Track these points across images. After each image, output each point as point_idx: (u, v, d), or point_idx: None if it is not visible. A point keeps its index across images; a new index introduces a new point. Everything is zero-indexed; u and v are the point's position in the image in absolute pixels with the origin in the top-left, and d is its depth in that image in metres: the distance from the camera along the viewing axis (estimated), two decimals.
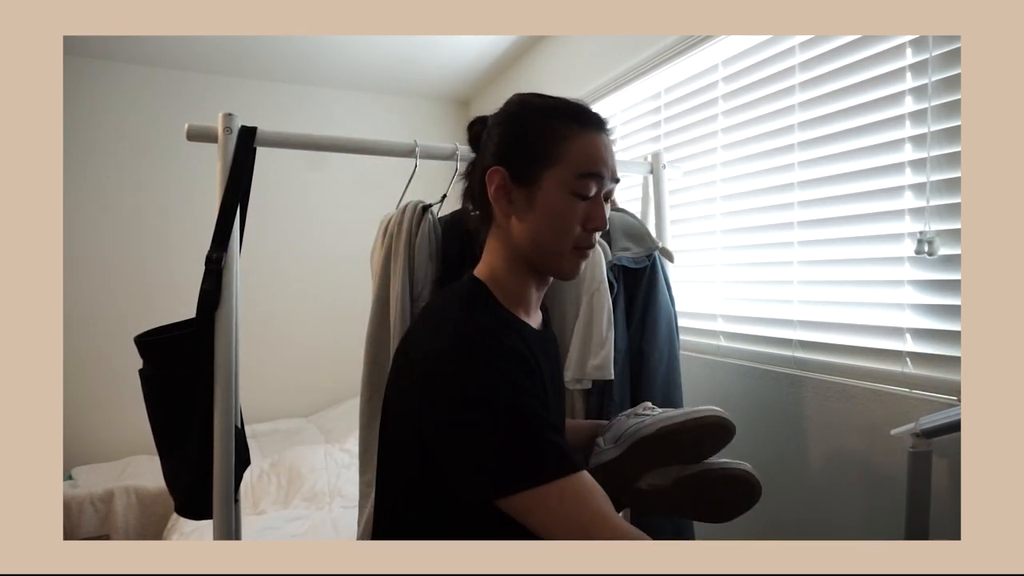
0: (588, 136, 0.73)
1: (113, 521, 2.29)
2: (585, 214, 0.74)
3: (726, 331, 1.56)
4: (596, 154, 0.73)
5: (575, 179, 0.72)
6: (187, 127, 1.03)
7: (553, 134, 0.73)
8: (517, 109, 0.77)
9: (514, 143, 0.75)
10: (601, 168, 0.73)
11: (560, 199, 0.72)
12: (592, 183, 0.73)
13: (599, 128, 0.75)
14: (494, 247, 0.78)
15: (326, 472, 2.36)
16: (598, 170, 0.73)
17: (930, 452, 0.94)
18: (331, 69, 2.96)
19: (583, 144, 0.73)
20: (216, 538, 1.01)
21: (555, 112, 0.75)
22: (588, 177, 0.72)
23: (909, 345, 1.11)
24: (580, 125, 0.73)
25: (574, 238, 0.74)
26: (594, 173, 0.73)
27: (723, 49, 1.56)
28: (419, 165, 1.19)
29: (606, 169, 0.74)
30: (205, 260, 1.02)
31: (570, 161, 0.72)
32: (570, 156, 0.72)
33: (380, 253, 1.19)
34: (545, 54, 2.53)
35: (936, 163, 1.06)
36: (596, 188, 0.73)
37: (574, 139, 0.73)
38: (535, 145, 0.73)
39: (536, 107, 0.76)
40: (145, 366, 1.02)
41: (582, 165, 0.72)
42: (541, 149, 0.73)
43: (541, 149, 0.73)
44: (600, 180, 0.74)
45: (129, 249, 2.82)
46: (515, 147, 0.75)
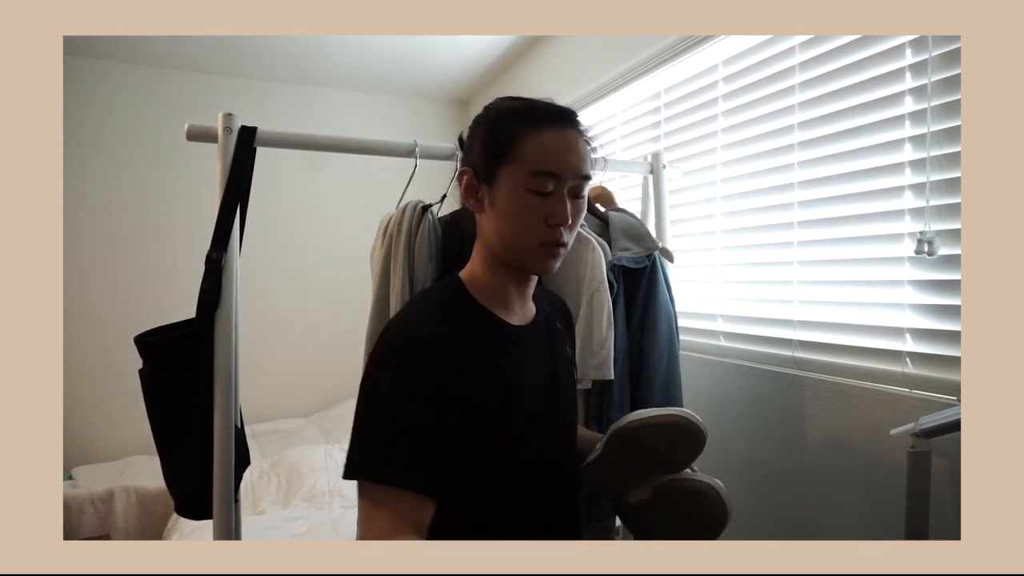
0: (545, 134, 0.74)
1: (113, 521, 2.29)
2: (547, 210, 0.74)
3: (726, 331, 1.56)
4: (551, 151, 0.74)
5: (529, 176, 0.73)
6: (187, 127, 1.03)
7: (510, 133, 0.75)
8: (484, 113, 0.80)
9: (478, 144, 0.78)
10: (556, 165, 0.74)
11: (516, 196, 0.74)
12: (547, 180, 0.74)
13: (559, 125, 0.76)
14: (476, 247, 0.82)
15: (326, 472, 2.36)
16: (552, 168, 0.74)
17: (930, 452, 0.94)
18: (331, 69, 2.96)
19: (538, 142, 0.74)
20: (216, 538, 1.01)
21: (514, 112, 0.77)
22: (542, 175, 0.73)
23: (909, 345, 1.11)
24: (537, 123, 0.75)
25: (538, 234, 0.75)
26: (548, 171, 0.73)
27: (723, 49, 1.56)
28: (419, 165, 1.19)
29: (564, 166, 0.74)
30: (205, 260, 1.02)
31: (524, 158, 0.74)
32: (524, 154, 0.74)
33: (380, 253, 1.19)
34: (545, 54, 2.53)
35: (936, 163, 1.06)
36: (554, 185, 0.74)
37: (529, 137, 0.74)
38: (493, 144, 0.76)
39: (499, 109, 0.78)
40: (145, 366, 1.02)
41: (536, 163, 0.73)
42: (498, 148, 0.75)
43: (498, 148, 0.75)
44: (557, 178, 0.74)
45: (129, 249, 2.82)
46: (478, 148, 0.78)
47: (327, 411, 3.12)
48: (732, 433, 1.48)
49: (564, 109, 0.78)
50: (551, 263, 0.78)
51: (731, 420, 1.48)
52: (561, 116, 0.77)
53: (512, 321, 0.81)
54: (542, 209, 0.74)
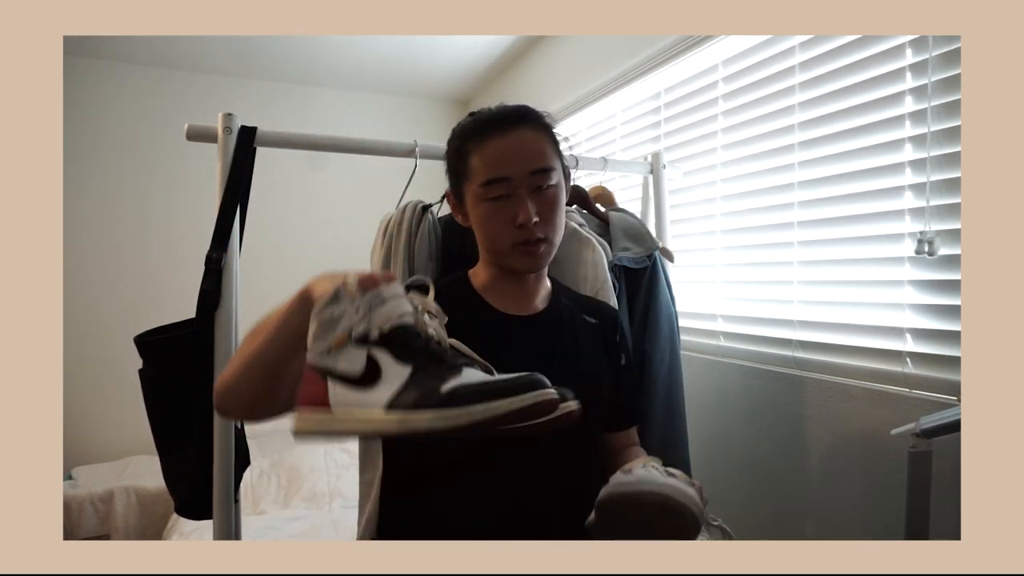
0: (488, 144, 0.78)
1: (113, 521, 2.29)
2: (509, 214, 0.78)
3: (726, 331, 1.56)
4: (495, 159, 0.78)
5: (481, 188, 0.78)
6: (187, 127, 1.03)
7: (463, 151, 0.81)
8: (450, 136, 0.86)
9: (448, 168, 0.86)
10: (501, 170, 0.77)
11: (479, 208, 0.80)
12: (497, 186, 0.77)
13: (501, 130, 0.79)
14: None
15: (326, 472, 2.36)
16: (497, 174, 0.77)
17: (930, 452, 0.94)
18: (331, 69, 2.96)
19: (481, 154, 0.79)
20: (216, 538, 1.01)
21: (465, 130, 0.82)
22: (491, 183, 0.78)
23: (909, 345, 1.11)
24: (482, 135, 0.79)
25: (509, 237, 0.79)
26: (495, 178, 0.77)
27: (723, 49, 1.55)
28: (419, 165, 1.19)
29: (510, 168, 0.77)
30: (205, 260, 1.02)
31: (474, 173, 0.79)
32: (473, 169, 0.79)
33: (380, 253, 1.19)
34: (545, 54, 2.53)
35: (936, 163, 1.06)
36: (506, 189, 0.77)
37: (476, 151, 0.79)
38: (454, 166, 0.83)
39: (456, 131, 0.84)
40: (145, 366, 1.02)
41: (483, 173, 0.78)
42: (457, 168, 0.82)
43: (457, 168, 0.82)
44: (506, 182, 0.77)
45: (129, 249, 2.82)
46: (448, 171, 0.86)
47: None
48: (732, 433, 1.48)
49: (508, 111, 0.81)
50: (532, 260, 0.81)
51: (731, 420, 1.48)
52: (503, 120, 0.80)
53: (509, 312, 0.84)
54: (505, 213, 0.78)
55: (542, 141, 0.81)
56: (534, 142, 0.80)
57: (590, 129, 2.26)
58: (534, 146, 0.79)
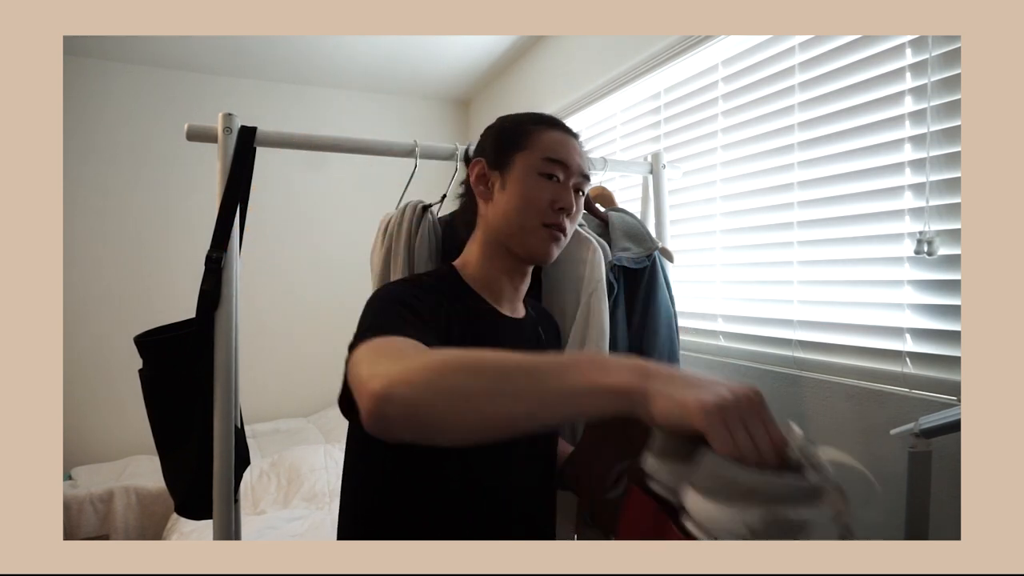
0: (554, 132, 0.86)
1: (113, 521, 2.29)
2: (554, 195, 0.83)
3: (726, 331, 1.56)
4: (560, 146, 0.84)
5: (541, 161, 0.83)
6: (187, 127, 1.03)
7: (524, 128, 0.86)
8: (496, 121, 0.91)
9: (491, 140, 0.88)
10: (565, 157, 0.84)
11: (529, 177, 0.83)
12: (557, 168, 0.83)
13: (565, 130, 0.87)
14: (474, 237, 0.89)
15: (326, 472, 2.36)
16: (562, 158, 0.83)
17: (930, 452, 0.94)
18: (331, 69, 2.96)
19: (548, 136, 0.85)
20: (216, 538, 1.01)
21: (526, 116, 0.89)
22: (553, 162, 0.83)
23: (909, 345, 1.11)
24: (547, 124, 0.86)
25: (543, 215, 0.82)
26: (559, 160, 0.83)
27: (723, 49, 1.55)
28: (419, 165, 1.19)
29: (571, 160, 0.84)
30: (205, 260, 1.02)
31: (537, 147, 0.84)
32: (538, 144, 0.84)
33: (380, 253, 1.19)
34: (545, 54, 2.53)
35: (936, 163, 1.06)
36: (563, 175, 0.84)
37: (542, 131, 0.85)
38: (508, 137, 0.86)
39: (511, 116, 0.90)
40: (145, 366, 1.02)
41: (547, 151, 0.83)
42: (513, 139, 0.85)
43: (513, 139, 0.85)
44: (565, 168, 0.84)
45: (129, 249, 2.82)
46: (491, 142, 0.88)
47: (327, 411, 3.12)
48: None
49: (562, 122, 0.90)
50: (551, 247, 0.84)
51: None
52: (564, 124, 0.88)
53: (501, 310, 0.85)
54: (549, 192, 0.82)
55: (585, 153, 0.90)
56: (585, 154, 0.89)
57: (590, 129, 2.26)
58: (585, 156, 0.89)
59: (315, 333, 3.16)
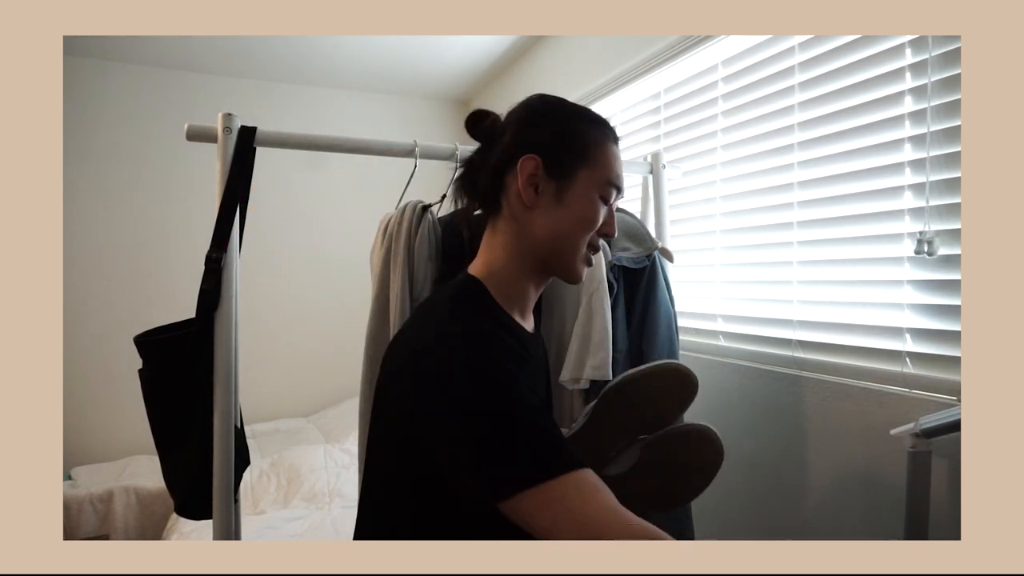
0: (613, 147, 0.78)
1: (113, 521, 2.29)
2: (605, 219, 0.77)
3: (726, 331, 1.56)
4: (619, 165, 0.78)
5: (604, 184, 0.75)
6: (187, 127, 1.03)
7: (589, 136, 0.76)
8: (546, 107, 0.78)
9: (550, 136, 0.75)
10: (621, 179, 0.78)
11: (590, 198, 0.75)
12: (614, 192, 0.77)
13: (616, 141, 0.80)
14: (497, 243, 0.76)
15: (326, 472, 2.36)
16: (620, 181, 0.78)
17: (930, 452, 0.94)
18: (331, 69, 2.96)
19: (611, 153, 0.77)
20: (216, 538, 1.01)
21: (586, 116, 0.78)
22: (613, 186, 0.76)
23: (909, 345, 1.11)
24: (606, 134, 0.78)
25: (589, 241, 0.77)
26: (617, 184, 0.77)
27: (723, 49, 1.55)
28: (419, 165, 1.19)
29: (622, 181, 0.79)
30: (205, 260, 1.02)
31: (602, 165, 0.75)
32: (603, 161, 0.75)
33: (380, 253, 1.19)
34: (545, 54, 2.53)
35: (936, 163, 1.06)
36: (615, 197, 0.78)
37: (604, 146, 0.76)
38: (573, 142, 0.75)
39: (568, 108, 0.79)
40: (145, 366, 1.02)
41: (612, 174, 0.76)
42: (579, 147, 0.75)
43: (579, 147, 0.75)
44: (619, 192, 0.78)
45: (129, 249, 2.82)
46: (551, 140, 0.74)
47: (327, 411, 3.12)
48: (732, 433, 1.47)
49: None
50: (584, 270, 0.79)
51: (731, 420, 1.48)
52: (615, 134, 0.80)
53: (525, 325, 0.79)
54: (603, 217, 0.77)
55: None
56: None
57: None
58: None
59: (315, 333, 3.16)
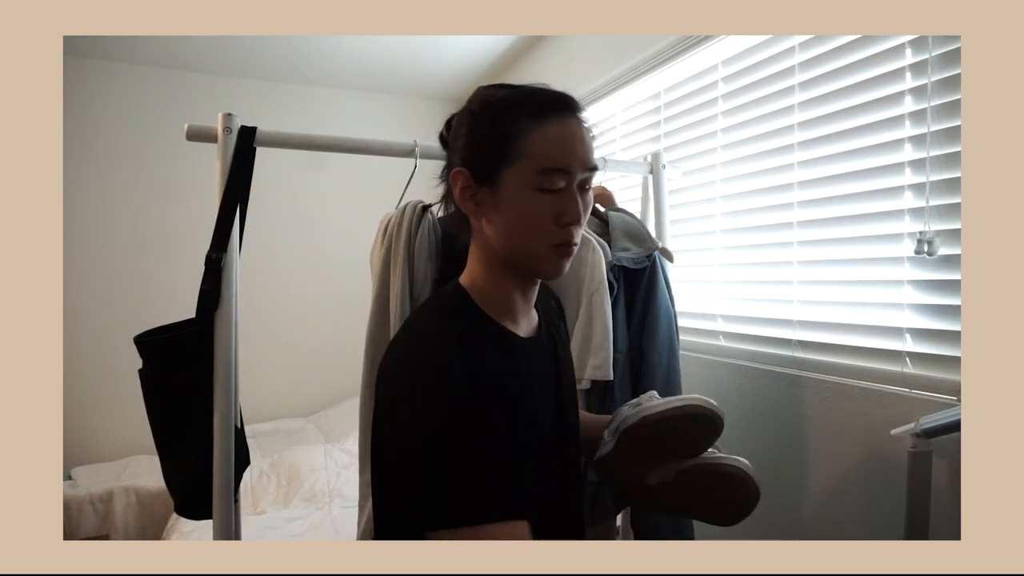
0: (550, 127, 0.67)
1: (113, 521, 2.29)
2: (558, 209, 0.68)
3: (726, 331, 1.56)
4: (558, 146, 0.67)
5: (537, 175, 0.67)
6: (187, 127, 1.03)
7: (511, 129, 0.67)
8: (477, 106, 0.72)
9: (474, 142, 0.70)
10: (565, 161, 0.67)
11: (524, 197, 0.67)
12: (557, 177, 0.67)
13: (563, 114, 0.69)
14: (474, 252, 0.75)
15: (326, 472, 2.36)
16: (561, 164, 0.67)
17: (930, 452, 0.94)
18: (331, 69, 2.96)
19: (543, 137, 0.67)
20: (216, 538, 1.01)
21: (513, 104, 0.69)
22: (552, 172, 0.67)
23: (909, 345, 1.11)
24: (540, 115, 0.68)
25: (550, 236, 0.68)
26: (557, 167, 0.67)
27: (723, 49, 1.56)
28: (419, 165, 1.19)
29: (573, 159, 0.68)
30: (205, 260, 1.02)
31: (530, 155, 0.67)
32: (530, 151, 0.67)
33: (380, 253, 1.19)
34: (545, 54, 2.53)
35: (936, 163, 1.06)
36: (564, 182, 0.68)
37: (533, 132, 0.67)
38: (494, 142, 0.68)
39: (493, 101, 0.71)
40: (145, 366, 1.02)
41: (543, 160, 0.67)
42: (500, 146, 0.68)
43: (500, 146, 0.68)
44: (566, 173, 0.68)
45: (129, 249, 2.82)
46: (475, 146, 0.70)
47: (327, 411, 3.12)
48: (732, 433, 1.47)
49: (565, 95, 0.70)
50: (563, 264, 0.71)
51: (731, 420, 1.47)
52: (562, 103, 0.69)
53: (519, 333, 0.75)
54: (553, 208, 0.68)
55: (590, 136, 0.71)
56: (588, 134, 0.71)
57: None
58: (589, 139, 0.70)
59: (315, 333, 3.17)
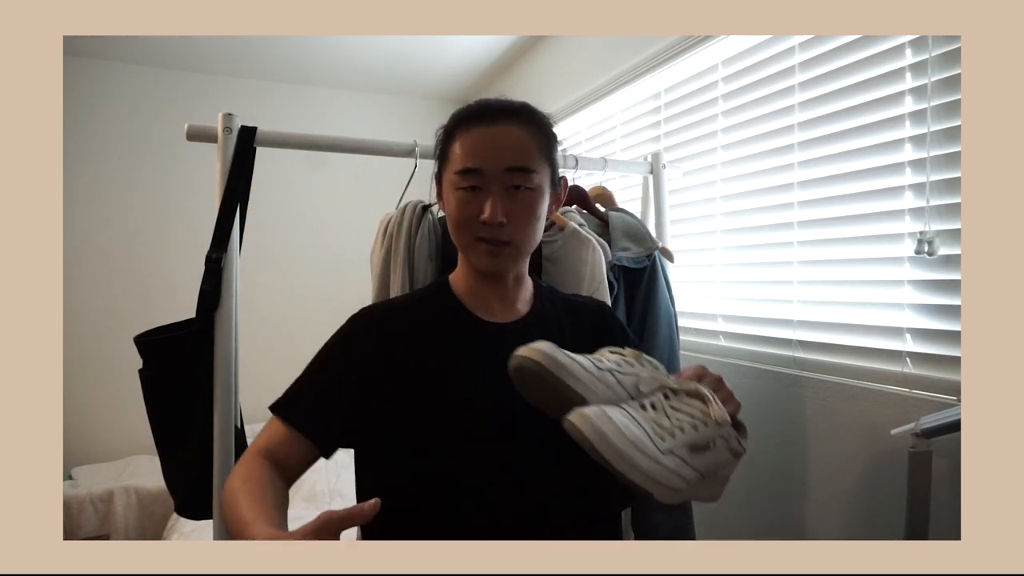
0: (472, 131, 0.78)
1: (113, 521, 2.29)
2: (478, 207, 0.76)
3: (726, 331, 1.56)
4: (473, 148, 0.77)
5: (455, 176, 0.78)
6: (187, 127, 1.03)
7: (447, 137, 0.81)
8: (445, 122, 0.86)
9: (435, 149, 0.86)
10: (477, 161, 0.76)
11: (450, 196, 0.79)
12: (470, 177, 0.76)
13: (486, 121, 0.78)
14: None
15: (326, 472, 2.37)
16: (472, 164, 0.76)
17: (930, 452, 0.94)
18: (331, 69, 2.96)
19: (461, 142, 0.78)
20: (216, 538, 1.01)
21: (454, 116, 0.82)
22: (464, 173, 0.77)
23: (909, 345, 1.11)
24: (467, 123, 0.79)
25: (473, 230, 0.77)
26: (469, 168, 0.76)
27: (723, 49, 1.55)
28: (419, 165, 1.20)
29: (486, 161, 0.76)
30: (205, 260, 1.02)
31: (452, 160, 0.79)
32: (452, 155, 0.79)
33: (380, 253, 1.19)
34: (545, 54, 2.53)
35: (936, 163, 1.06)
36: (478, 181, 0.76)
37: (456, 138, 0.79)
38: (439, 149, 0.84)
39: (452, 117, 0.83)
40: (145, 366, 1.02)
41: (458, 162, 0.78)
42: (441, 152, 0.83)
43: (441, 152, 0.83)
44: (477, 174, 0.76)
45: (129, 249, 2.82)
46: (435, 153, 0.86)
47: None
48: None
49: (501, 104, 0.80)
50: (492, 261, 0.78)
51: None
52: (492, 111, 0.79)
53: (488, 319, 0.83)
54: (472, 207, 0.76)
55: (527, 139, 0.78)
56: (518, 138, 0.77)
57: (590, 129, 2.26)
58: (517, 142, 0.77)
59: (315, 333, 3.12)
